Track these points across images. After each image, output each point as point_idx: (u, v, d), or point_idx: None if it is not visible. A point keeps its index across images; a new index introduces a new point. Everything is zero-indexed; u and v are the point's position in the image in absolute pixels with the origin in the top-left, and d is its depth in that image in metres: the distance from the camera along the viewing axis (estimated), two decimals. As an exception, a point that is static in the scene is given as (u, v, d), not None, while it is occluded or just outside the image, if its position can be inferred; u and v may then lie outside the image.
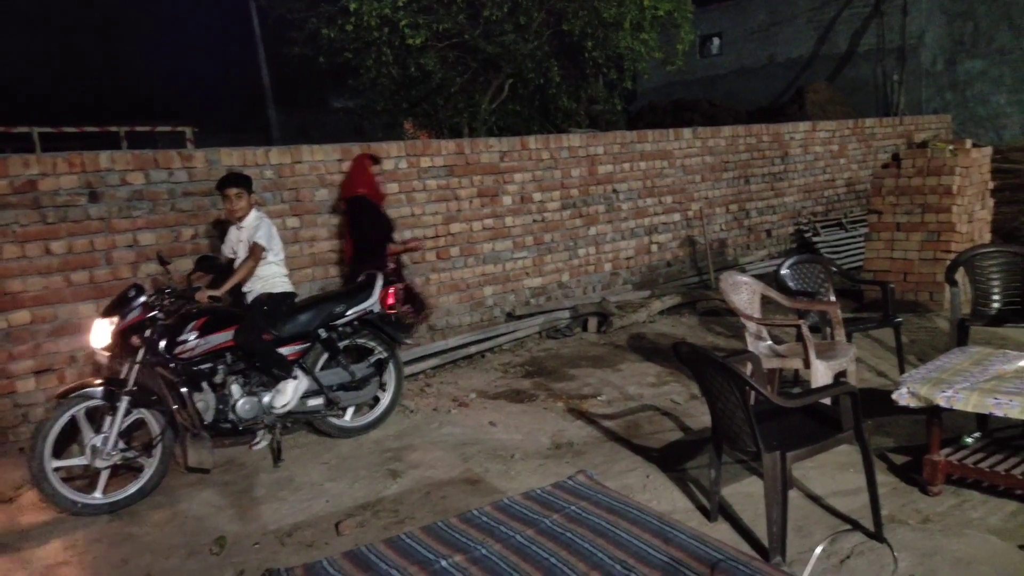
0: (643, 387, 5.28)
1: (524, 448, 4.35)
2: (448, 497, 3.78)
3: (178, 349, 4.13)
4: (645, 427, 4.55)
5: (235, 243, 4.43)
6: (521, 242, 7.11)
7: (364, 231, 5.39)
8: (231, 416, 4.24)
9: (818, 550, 2.90)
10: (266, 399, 4.34)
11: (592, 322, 6.92)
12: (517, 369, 5.94)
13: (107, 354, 4.17)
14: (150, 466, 4.01)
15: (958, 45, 14.25)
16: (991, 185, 7.38)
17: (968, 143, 6.98)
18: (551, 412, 4.92)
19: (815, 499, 3.51)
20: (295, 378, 4.37)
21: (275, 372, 4.36)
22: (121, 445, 3.93)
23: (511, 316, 6.97)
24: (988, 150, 7.43)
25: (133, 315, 4.03)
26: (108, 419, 3.91)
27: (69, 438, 3.96)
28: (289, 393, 4.35)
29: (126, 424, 3.95)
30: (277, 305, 4.44)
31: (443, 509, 3.63)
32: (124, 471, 4.10)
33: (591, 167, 7.63)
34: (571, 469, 3.96)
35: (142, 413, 4.03)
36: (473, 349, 6.32)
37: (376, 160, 5.73)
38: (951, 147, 6.82)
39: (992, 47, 13.74)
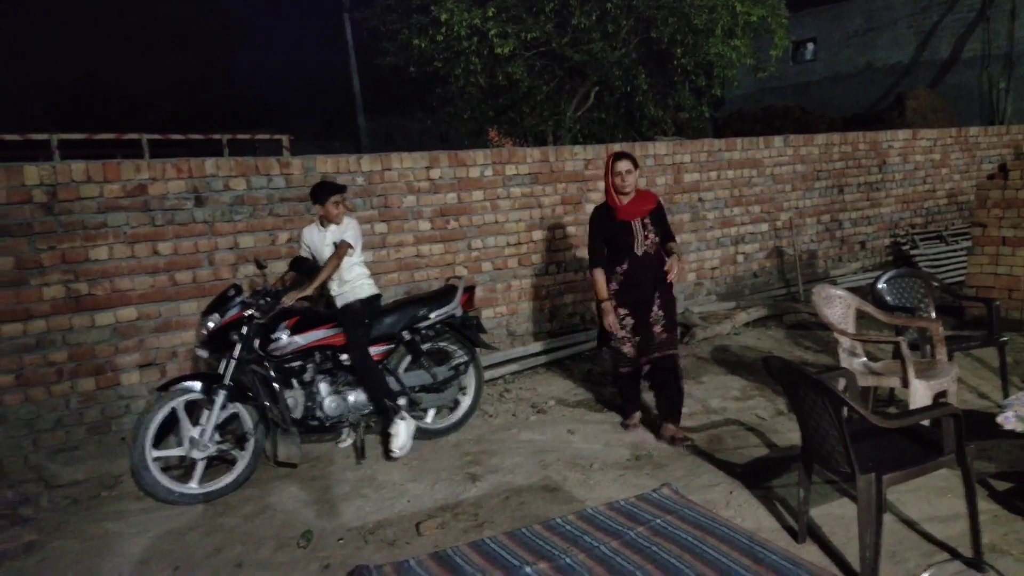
0: (727, 400, 5.16)
1: (603, 458, 4.32)
2: (527, 503, 3.79)
3: (271, 347, 4.30)
4: (728, 442, 4.45)
5: (319, 245, 4.55)
6: (589, 243, 7.05)
7: None
8: (319, 413, 4.39)
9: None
10: (351, 398, 4.47)
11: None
12: (597, 378, 5.91)
13: (206, 352, 4.38)
14: (243, 459, 4.20)
15: (1074, 49, 13.39)
16: (1110, 198, 6.88)
17: (1085, 153, 6.55)
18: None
19: (910, 524, 3.35)
20: (404, 419, 4.44)
21: (377, 396, 4.45)
22: (217, 438, 4.13)
23: (592, 322, 6.93)
24: (1106, 161, 6.94)
25: (232, 313, 4.23)
26: (205, 412, 4.10)
27: (168, 430, 4.17)
28: (403, 436, 4.42)
29: (222, 418, 4.14)
30: (371, 312, 4.57)
31: (522, 515, 3.64)
32: (218, 463, 4.29)
33: (677, 175, 7.53)
34: (651, 481, 3.92)
35: (237, 408, 4.21)
36: (553, 356, 6.32)
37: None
38: (1066, 157, 6.41)
39: (1111, 51, 12.85)
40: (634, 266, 4.40)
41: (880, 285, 4.81)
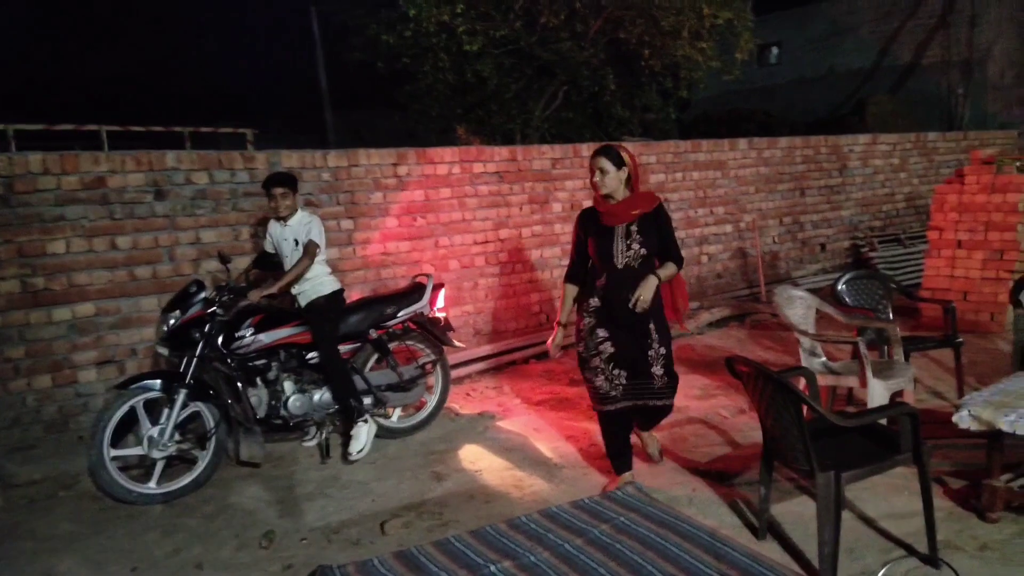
0: (689, 399, 5.22)
1: (568, 456, 4.34)
2: (492, 502, 3.79)
3: (235, 345, 4.24)
4: (691, 440, 4.50)
5: (279, 240, 4.50)
6: (569, 250, 7.07)
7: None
8: (283, 412, 4.34)
9: (880, 574, 2.82)
10: (316, 397, 4.43)
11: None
12: (562, 376, 5.93)
13: (166, 349, 4.30)
14: (203, 458, 4.13)
15: (1028, 58, 13.77)
16: (1061, 204, 7.10)
17: (1037, 160, 6.75)
18: (595, 422, 4.87)
19: (867, 521, 3.42)
20: (366, 422, 4.40)
21: (342, 395, 4.40)
22: (177, 437, 4.05)
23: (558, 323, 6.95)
24: (1058, 167, 7.16)
25: (194, 310, 4.16)
26: (165, 411, 4.03)
27: (127, 429, 4.09)
28: (363, 439, 4.38)
29: (182, 416, 4.07)
30: (336, 308, 4.53)
31: (487, 514, 3.63)
32: (178, 462, 4.22)
33: (643, 176, 7.58)
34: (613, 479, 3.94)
35: (198, 406, 4.14)
36: (519, 355, 6.33)
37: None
38: (1019, 164, 6.60)
39: (1065, 60, 13.25)
40: (613, 281, 3.66)
41: (840, 286, 4.90)
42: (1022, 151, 11.45)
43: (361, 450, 4.33)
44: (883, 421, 3.43)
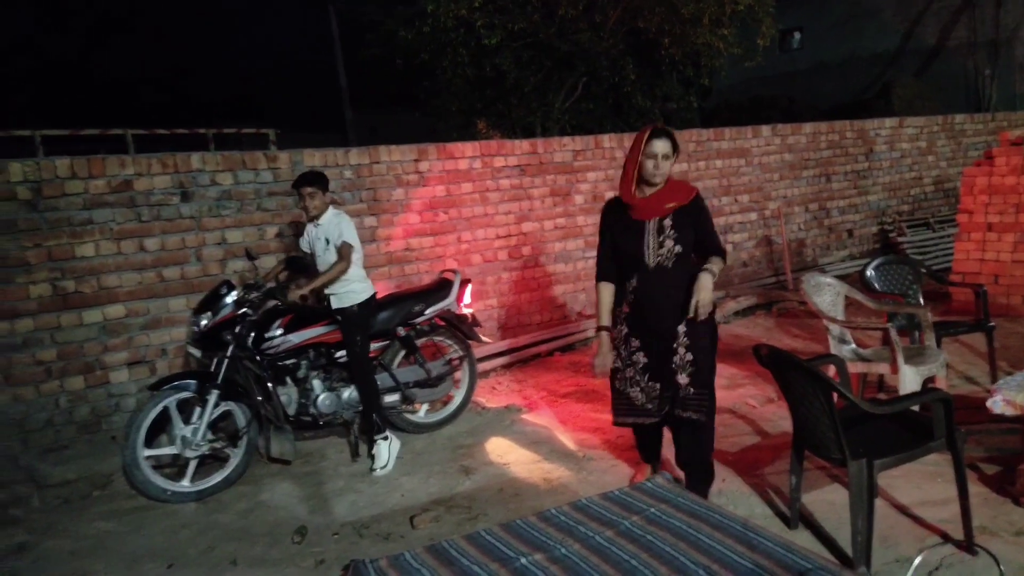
0: (717, 389, 5.14)
1: (595, 448, 4.33)
2: (521, 495, 3.80)
3: (265, 344, 4.28)
4: (720, 430, 4.45)
5: (313, 240, 4.46)
6: (592, 241, 7.03)
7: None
8: (312, 410, 4.37)
9: (917, 560, 2.79)
10: (345, 395, 4.45)
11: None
12: (587, 368, 5.91)
13: (198, 350, 4.35)
14: (236, 456, 4.18)
15: (1057, 36, 13.47)
16: (1094, 183, 6.94)
17: (1069, 139, 6.60)
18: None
19: (901, 509, 3.37)
20: (386, 438, 4.32)
21: (369, 413, 4.38)
22: (209, 436, 4.10)
23: (581, 315, 6.95)
24: (1090, 146, 7.00)
25: (225, 312, 4.20)
26: (198, 410, 4.08)
27: (160, 428, 4.15)
28: (384, 456, 4.27)
29: (215, 416, 4.12)
30: (369, 315, 4.48)
31: (516, 507, 3.65)
32: (210, 461, 4.27)
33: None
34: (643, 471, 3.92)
35: (229, 405, 4.19)
36: (544, 347, 6.33)
37: None
38: (1051, 143, 6.46)
39: (1096, 37, 12.94)
40: (645, 283, 3.30)
41: (869, 272, 4.83)
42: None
43: (384, 466, 4.22)
44: (915, 408, 3.38)
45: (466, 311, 5.01)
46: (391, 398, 4.60)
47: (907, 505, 3.39)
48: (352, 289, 4.40)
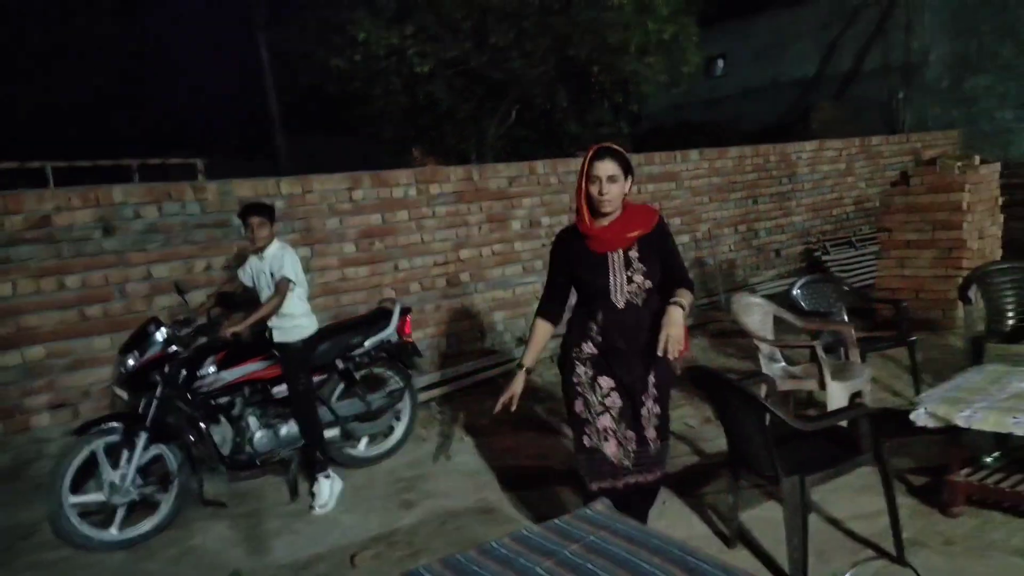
0: (657, 411, 5.25)
1: (538, 475, 4.32)
2: (463, 527, 3.76)
3: (197, 383, 4.14)
4: (660, 452, 4.52)
5: (256, 272, 4.33)
6: (530, 266, 7.12)
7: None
8: (248, 449, 4.24)
9: (849, 575, 2.86)
10: (283, 432, 4.33)
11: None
12: (530, 394, 5.91)
13: (125, 392, 4.19)
14: (167, 501, 4.02)
15: (963, 62, 14.28)
16: (1001, 201, 7.36)
17: (976, 159, 6.98)
18: (564, 438, 4.89)
19: (835, 523, 3.47)
20: (329, 476, 4.21)
21: (312, 450, 4.27)
22: (138, 481, 3.93)
23: (522, 341, 6.96)
24: (996, 166, 7.41)
25: (153, 350, 4.05)
26: (126, 454, 3.91)
27: (86, 474, 3.96)
28: (325, 494, 4.15)
29: (144, 460, 3.95)
30: (311, 352, 4.37)
31: (458, 539, 3.60)
32: (141, 506, 4.09)
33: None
34: (585, 497, 3.94)
35: (159, 448, 4.03)
36: (485, 375, 6.31)
37: None
38: (960, 163, 6.81)
39: (997, 63, 13.76)
40: (612, 322, 2.96)
41: (795, 291, 4.99)
42: (963, 151, 11.84)
43: (324, 505, 4.11)
44: (844, 423, 3.49)
45: (406, 341, 4.97)
46: (330, 433, 4.50)
47: (841, 519, 3.49)
48: (298, 324, 4.29)
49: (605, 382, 3.01)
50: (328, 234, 5.83)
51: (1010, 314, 4.90)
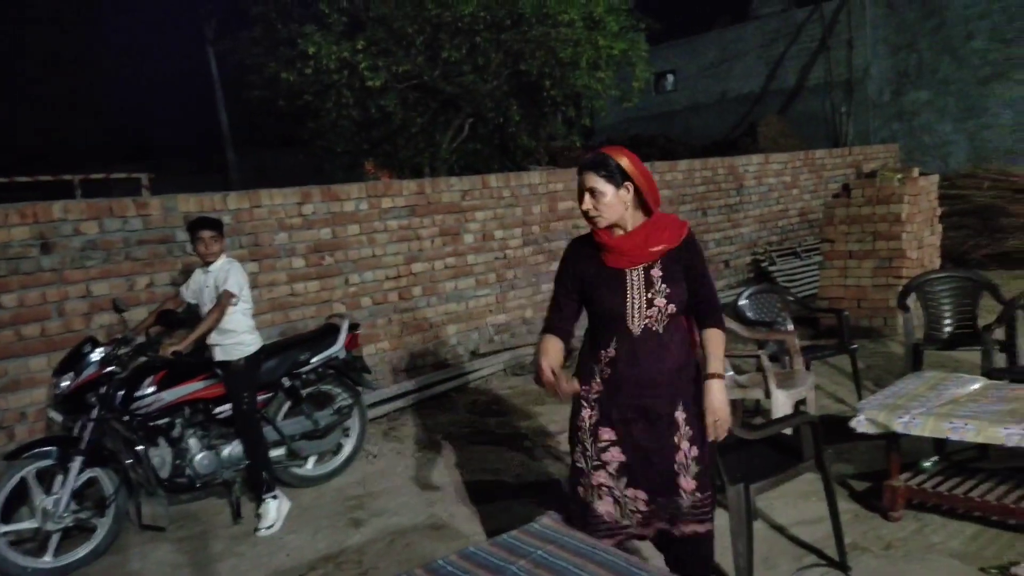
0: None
1: (490, 490, 4.30)
2: (412, 544, 3.71)
3: (135, 404, 4.01)
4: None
5: (200, 287, 4.23)
6: (484, 280, 7.11)
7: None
8: (188, 471, 4.11)
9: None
10: (225, 453, 4.22)
11: (557, 358, 6.92)
12: (483, 408, 5.90)
13: (60, 414, 4.05)
14: (103, 526, 3.88)
15: (903, 76, 14.78)
16: (939, 212, 7.61)
17: (915, 171, 7.22)
18: (516, 451, 4.88)
19: (780, 529, 3.52)
20: (276, 497, 4.11)
21: (258, 471, 4.17)
22: (73, 506, 3.79)
23: (475, 354, 6.94)
24: (935, 178, 7.68)
25: (89, 372, 3.92)
26: (60, 479, 3.77)
27: (18, 500, 3.81)
28: (272, 516, 4.05)
29: (79, 484, 3.81)
30: (256, 370, 4.28)
31: (408, 558, 3.56)
32: (76, 532, 3.95)
33: (552, 203, 7.70)
34: (537, 511, 3.93)
35: (95, 472, 3.89)
36: (437, 389, 6.27)
37: None
38: (899, 176, 7.03)
39: (936, 78, 14.28)
40: (628, 354, 2.52)
41: (741, 302, 5.08)
42: (903, 164, 12.24)
43: (270, 526, 4.01)
44: (788, 430, 3.55)
45: (355, 356, 4.91)
46: (276, 452, 4.41)
47: (785, 525, 3.54)
48: (240, 341, 4.20)
49: (605, 434, 2.57)
50: (277, 249, 5.74)
51: (947, 322, 5.06)
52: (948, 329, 5.05)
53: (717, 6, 20.49)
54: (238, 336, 4.18)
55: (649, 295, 2.50)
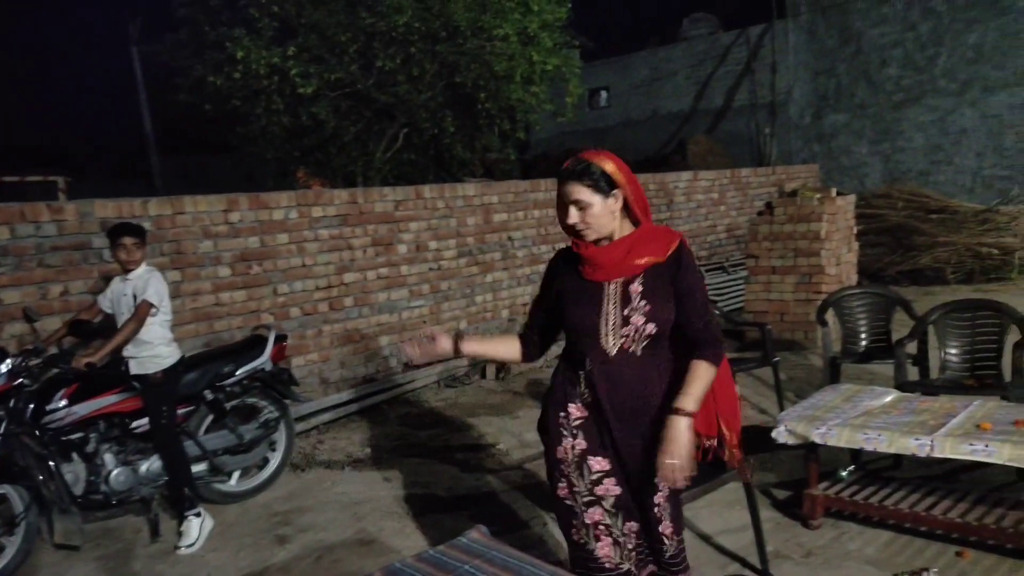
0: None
1: (421, 504, 4.26)
2: (340, 560, 3.64)
3: (46, 418, 3.82)
4: (543, 474, 4.53)
5: (118, 296, 4.06)
6: (417, 291, 7.06)
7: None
8: (104, 488, 3.92)
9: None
10: (143, 469, 4.05)
11: (490, 369, 6.92)
12: (415, 420, 5.85)
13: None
14: (12, 545, 3.67)
15: (823, 100, 15.42)
16: (856, 230, 7.95)
17: (834, 191, 7.53)
18: (448, 464, 4.85)
19: (705, 538, 3.59)
20: (199, 515, 3.97)
21: (179, 487, 4.02)
22: (-23, 525, 3.59)
23: (408, 366, 6.88)
24: (852, 197, 8.02)
25: (-2, 384, 3.72)
26: (-38, 497, 3.57)
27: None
28: (194, 534, 3.89)
29: (-17, 501, 3.61)
30: (175, 383, 4.12)
31: (334, 574, 3.49)
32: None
33: (486, 215, 7.71)
34: (468, 524, 3.91)
35: (4, 488, 3.68)
36: (369, 402, 6.18)
37: None
38: (818, 195, 7.32)
39: (853, 102, 14.93)
40: (603, 377, 2.31)
41: (671, 315, 5.18)
42: (823, 183, 12.74)
43: (191, 545, 3.86)
44: (713, 442, 3.63)
45: (282, 368, 4.80)
46: (198, 468, 4.25)
47: (711, 534, 3.62)
48: (157, 353, 4.04)
49: (597, 464, 2.33)
50: (201, 257, 5.57)
51: (863, 335, 5.28)
52: (864, 343, 5.26)
53: (648, 27, 21.06)
54: (154, 348, 4.02)
55: (625, 312, 2.26)
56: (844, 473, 3.78)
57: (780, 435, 3.51)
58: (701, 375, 2.25)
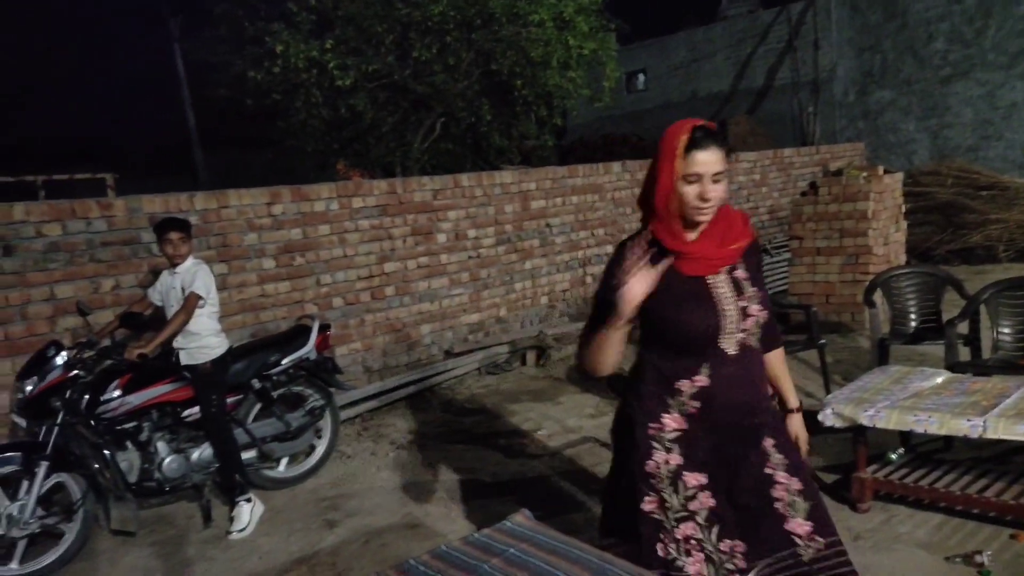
0: (583, 419, 5.30)
1: (465, 488, 4.30)
2: (388, 544, 3.70)
3: (101, 408, 3.95)
4: (586, 459, 4.56)
5: (167, 289, 4.18)
6: (457, 279, 7.10)
7: None
8: (157, 475, 4.05)
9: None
10: (194, 457, 4.17)
11: (531, 356, 6.93)
12: (457, 407, 5.89)
13: (24, 419, 3.97)
14: (71, 532, 3.80)
15: (868, 77, 15.01)
16: (904, 208, 7.74)
17: (880, 169, 7.33)
18: (492, 450, 4.88)
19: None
20: (249, 500, 4.07)
21: (230, 475, 4.13)
22: (40, 512, 3.72)
23: (449, 354, 6.93)
24: (900, 175, 7.82)
25: (53, 376, 3.85)
26: (25, 485, 3.70)
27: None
28: (244, 519, 4.00)
29: (45, 489, 3.74)
30: (224, 373, 4.23)
31: (382, 558, 3.54)
32: (43, 538, 3.88)
33: (524, 203, 7.70)
34: (513, 509, 3.93)
35: (62, 477, 3.82)
36: (412, 389, 6.24)
37: None
38: (865, 174, 7.15)
39: (899, 78, 14.52)
40: (722, 380, 2.04)
41: (713, 299, 5.12)
42: (868, 162, 12.44)
43: (243, 529, 3.96)
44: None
45: (326, 357, 4.87)
46: (248, 454, 4.36)
47: (757, 519, 3.57)
48: (205, 344, 4.15)
49: (693, 479, 2.06)
50: (246, 249, 5.67)
51: (912, 316, 5.15)
52: (913, 324, 5.13)
53: (685, 7, 20.71)
54: (203, 339, 4.13)
55: (742, 303, 2.02)
56: (894, 456, 3.71)
57: (827, 418, 3.45)
58: (785, 366, 2.27)
